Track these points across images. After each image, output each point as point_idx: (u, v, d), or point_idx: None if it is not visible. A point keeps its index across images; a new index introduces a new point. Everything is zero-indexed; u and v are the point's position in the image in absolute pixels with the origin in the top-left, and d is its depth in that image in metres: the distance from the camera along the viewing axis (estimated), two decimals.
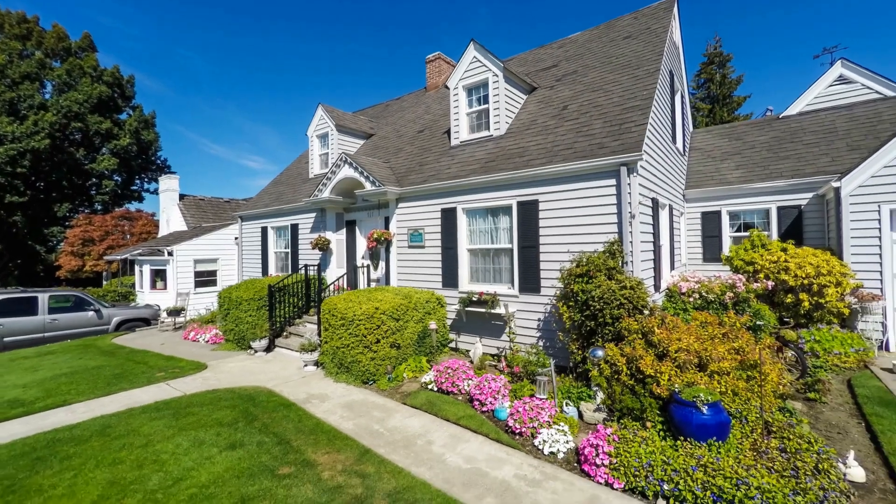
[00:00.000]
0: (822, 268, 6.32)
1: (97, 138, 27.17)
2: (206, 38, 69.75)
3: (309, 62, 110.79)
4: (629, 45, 8.14)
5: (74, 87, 26.17)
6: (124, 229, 23.87)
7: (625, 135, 5.77)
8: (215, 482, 3.51)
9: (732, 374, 4.06)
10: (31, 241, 25.97)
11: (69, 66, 26.17)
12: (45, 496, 3.36)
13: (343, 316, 6.10)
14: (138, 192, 30.96)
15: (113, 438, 4.34)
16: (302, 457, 3.92)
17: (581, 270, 5.35)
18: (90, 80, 26.48)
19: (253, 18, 70.77)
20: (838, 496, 2.90)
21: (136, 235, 23.85)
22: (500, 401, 4.80)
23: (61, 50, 27.43)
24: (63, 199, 26.85)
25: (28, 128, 23.78)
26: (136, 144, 28.26)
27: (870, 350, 5.82)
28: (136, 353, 8.12)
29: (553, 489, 3.37)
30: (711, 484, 3.00)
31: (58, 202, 26.62)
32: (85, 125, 26.10)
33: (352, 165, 8.30)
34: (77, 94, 25.51)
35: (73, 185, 27.27)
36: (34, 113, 24.47)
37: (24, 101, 24.54)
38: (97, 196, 27.95)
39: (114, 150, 27.29)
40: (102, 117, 26.92)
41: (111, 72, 28.18)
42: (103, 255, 21.98)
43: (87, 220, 23.55)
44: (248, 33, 76.59)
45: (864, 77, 9.19)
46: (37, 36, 26.90)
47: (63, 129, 25.46)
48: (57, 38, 27.17)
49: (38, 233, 26.23)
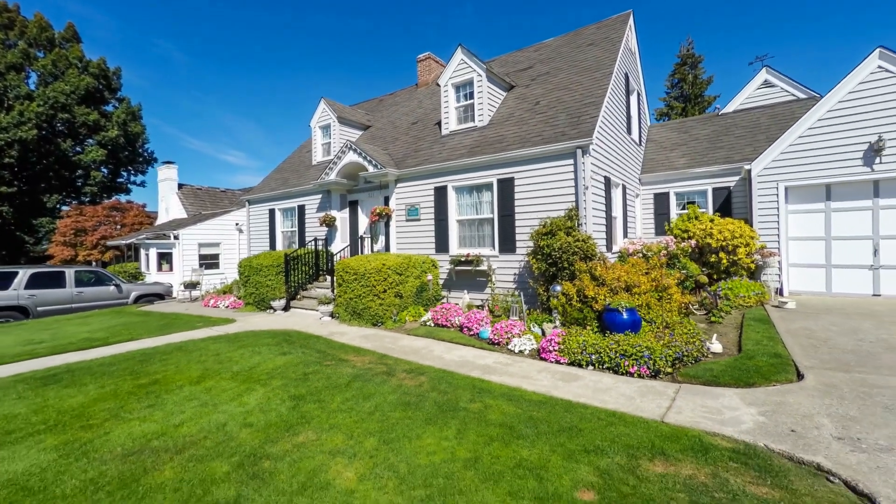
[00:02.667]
0: (736, 232, 8.15)
1: (84, 130, 27.58)
2: (184, 28, 68.98)
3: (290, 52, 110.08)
4: (591, 51, 9.83)
5: (60, 77, 26.53)
6: (116, 220, 24.52)
7: (581, 125, 7.43)
8: (280, 367, 4.99)
9: (648, 294, 5.76)
10: (19, 232, 26.25)
11: (55, 57, 26.50)
12: (162, 373, 4.79)
13: (356, 271, 7.60)
14: (125, 184, 31.39)
15: (190, 352, 5.76)
16: (337, 358, 5.42)
17: (546, 230, 6.98)
18: (77, 72, 26.86)
19: (231, 8, 70.28)
20: (693, 353, 4.60)
21: (129, 226, 24.51)
22: (484, 326, 6.40)
23: (45, 40, 27.64)
24: (51, 190, 27.18)
25: (14, 118, 24.15)
26: (123, 136, 28.74)
27: (766, 294, 7.66)
28: (166, 315, 9.40)
29: (520, 365, 4.99)
30: (619, 350, 4.66)
31: (46, 193, 26.95)
32: (72, 116, 26.50)
33: (356, 151, 9.74)
34: (64, 85, 25.90)
35: (61, 176, 27.61)
36: (20, 103, 24.81)
37: (10, 92, 24.84)
38: (85, 187, 28.34)
39: (102, 142, 27.75)
40: (89, 109, 27.34)
41: (97, 63, 28.55)
42: (97, 244, 22.69)
43: (79, 211, 24.11)
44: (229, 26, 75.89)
45: (783, 82, 11.15)
46: (20, 25, 27.07)
47: (50, 119, 25.83)
48: (40, 28, 27.39)
49: (25, 223, 26.52)
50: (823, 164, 7.78)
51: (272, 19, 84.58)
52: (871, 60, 7.21)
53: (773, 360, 4.41)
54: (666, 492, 2.38)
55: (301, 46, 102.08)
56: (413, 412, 3.59)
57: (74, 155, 27.40)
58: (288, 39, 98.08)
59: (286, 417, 3.57)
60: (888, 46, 7.09)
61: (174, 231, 15.02)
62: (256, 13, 78.89)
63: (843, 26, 49.82)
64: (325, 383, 4.40)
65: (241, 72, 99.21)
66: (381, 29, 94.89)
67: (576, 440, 3.00)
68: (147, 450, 3.07)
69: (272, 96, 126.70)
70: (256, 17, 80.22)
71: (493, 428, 3.25)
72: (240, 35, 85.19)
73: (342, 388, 4.23)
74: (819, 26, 51.14)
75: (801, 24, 51.88)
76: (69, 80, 26.22)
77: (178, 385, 4.43)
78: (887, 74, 7.11)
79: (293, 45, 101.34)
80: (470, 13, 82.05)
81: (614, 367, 4.59)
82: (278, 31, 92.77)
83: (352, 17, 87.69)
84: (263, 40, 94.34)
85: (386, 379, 4.50)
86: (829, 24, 50.93)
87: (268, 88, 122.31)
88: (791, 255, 8.29)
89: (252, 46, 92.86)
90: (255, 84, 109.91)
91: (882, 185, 7.40)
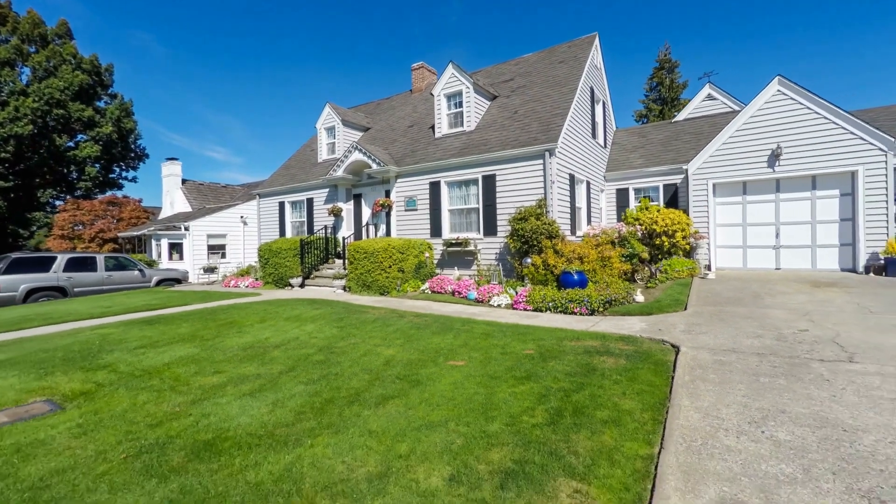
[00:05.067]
0: (676, 220, 10.25)
1: (78, 125, 28.44)
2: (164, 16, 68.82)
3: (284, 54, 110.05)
4: (561, 68, 11.83)
5: (54, 74, 27.36)
6: (113, 214, 25.60)
7: (550, 132, 9.39)
8: (318, 315, 6.79)
9: (595, 262, 7.76)
10: (12, 226, 27.02)
11: (49, 54, 27.32)
12: (232, 319, 6.54)
13: (366, 251, 9.41)
14: (117, 180, 32.23)
15: (242, 309, 7.50)
16: (359, 311, 7.24)
17: (521, 216, 8.92)
18: (71, 69, 27.72)
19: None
20: (621, 300, 6.60)
21: (126, 220, 25.59)
22: (471, 290, 8.30)
23: (37, 37, 28.39)
24: (45, 185, 27.99)
25: (10, 113, 24.98)
26: (116, 132, 29.68)
27: (696, 268, 9.78)
28: (198, 292, 11.02)
29: (497, 312, 6.90)
30: (568, 298, 6.61)
31: (40, 188, 27.76)
32: (67, 112, 27.37)
33: (361, 151, 11.52)
34: (58, 82, 26.77)
35: (55, 171, 28.43)
36: (15, 99, 25.62)
37: (4, 87, 25.61)
38: (79, 183, 29.19)
39: (96, 138, 28.66)
40: (84, 105, 28.22)
41: (90, 60, 29.39)
42: (94, 238, 23.79)
43: (76, 206, 25.09)
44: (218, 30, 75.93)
45: (722, 96, 13.40)
46: (12, 21, 27.77)
47: (45, 115, 26.67)
48: (33, 24, 28.13)
49: (19, 217, 27.29)
50: (740, 165, 9.95)
51: (258, 7, 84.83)
52: (773, 85, 9.38)
53: (673, 303, 6.44)
54: (573, 350, 4.30)
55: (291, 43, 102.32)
56: (423, 331, 5.46)
57: (69, 150, 28.24)
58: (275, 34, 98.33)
59: (337, 334, 5.39)
60: (786, 75, 9.26)
61: (185, 223, 16.50)
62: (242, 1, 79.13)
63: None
64: (356, 321, 6.23)
65: (221, 64, 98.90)
66: (371, 25, 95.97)
67: (528, 336, 4.92)
68: (255, 346, 4.87)
69: (256, 91, 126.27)
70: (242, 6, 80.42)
71: (476, 334, 5.14)
72: (221, 27, 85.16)
73: (369, 323, 6.07)
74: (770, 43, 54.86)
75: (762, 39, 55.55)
76: (64, 77, 27.09)
77: (249, 324, 6.20)
78: (784, 97, 9.28)
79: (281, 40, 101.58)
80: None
81: (564, 309, 6.55)
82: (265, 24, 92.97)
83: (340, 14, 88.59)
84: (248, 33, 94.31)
85: (399, 319, 6.36)
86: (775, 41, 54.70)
87: (251, 82, 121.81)
88: (718, 238, 10.44)
89: (235, 40, 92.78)
90: (236, 77, 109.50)
91: (782, 183, 9.59)
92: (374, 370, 3.90)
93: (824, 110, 8.81)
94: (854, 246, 8.74)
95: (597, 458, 2.24)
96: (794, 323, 4.97)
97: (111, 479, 2.25)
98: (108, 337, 5.52)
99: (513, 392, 3.22)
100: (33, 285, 11.08)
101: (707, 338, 4.50)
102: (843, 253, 8.97)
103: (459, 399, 3.13)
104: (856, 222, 8.68)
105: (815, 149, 8.99)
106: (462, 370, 3.80)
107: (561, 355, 4.10)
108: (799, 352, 3.88)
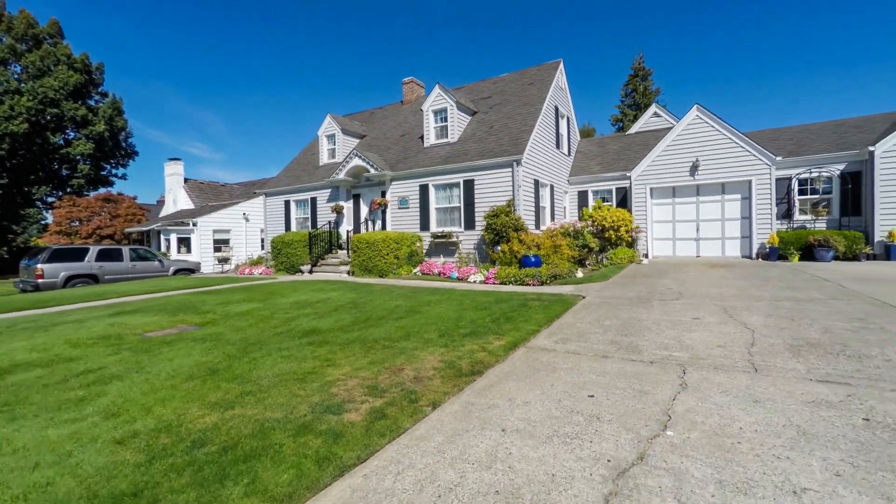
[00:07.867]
0: (621, 217, 12.86)
1: (71, 124, 29.63)
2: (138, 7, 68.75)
3: None
4: (531, 89, 14.33)
5: (47, 73, 28.52)
6: (109, 211, 27.02)
7: (517, 145, 11.84)
8: (336, 288, 9.07)
9: (548, 248, 10.25)
10: (6, 222, 28.08)
11: (43, 54, 28.48)
12: (269, 291, 8.76)
13: (367, 241, 11.69)
14: (108, 177, 33.41)
15: (270, 285, 9.70)
16: (366, 286, 9.54)
17: (494, 213, 11.35)
18: (65, 68, 28.93)
19: None
20: (564, 276, 9.10)
21: (122, 217, 27.07)
22: (454, 272, 10.69)
23: (30, 37, 29.45)
24: (38, 182, 29.10)
25: (5, 111, 26.13)
26: (108, 130, 30.95)
27: (636, 256, 12.40)
28: (218, 277, 13.08)
29: (473, 286, 9.31)
30: (525, 274, 9.06)
31: (34, 185, 28.86)
32: (60, 111, 28.58)
33: (360, 157, 13.76)
34: (52, 81, 27.99)
35: (48, 169, 29.55)
36: (10, 98, 26.75)
37: None
38: (71, 180, 30.36)
39: (89, 136, 29.90)
40: (77, 104, 29.44)
41: (81, 59, 30.58)
42: (91, 234, 25.25)
43: (72, 202, 26.46)
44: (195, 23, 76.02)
45: (666, 114, 16.18)
46: (6, 21, 28.78)
47: (39, 114, 27.83)
48: (27, 24, 29.19)
49: (12, 214, 28.36)
50: (670, 173, 12.63)
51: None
52: (693, 112, 12.09)
53: (601, 277, 8.96)
54: (518, 298, 6.72)
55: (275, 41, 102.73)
56: (418, 293, 7.81)
57: (62, 148, 29.41)
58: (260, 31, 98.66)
59: (356, 297, 7.69)
60: (703, 104, 11.98)
61: (192, 219, 18.39)
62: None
63: None
64: (367, 290, 8.54)
65: (200, 61, 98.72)
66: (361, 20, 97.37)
67: (490, 295, 7.32)
68: (301, 303, 7.14)
69: (235, 87, 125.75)
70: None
71: (456, 295, 7.52)
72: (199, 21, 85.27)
73: (377, 292, 8.38)
74: None
75: None
76: (58, 76, 28.30)
77: (286, 293, 8.43)
78: (701, 121, 11.99)
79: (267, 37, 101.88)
80: None
81: (521, 281, 9.00)
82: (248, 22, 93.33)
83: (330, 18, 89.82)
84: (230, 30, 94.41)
85: (399, 289, 8.69)
86: None
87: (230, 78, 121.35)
88: (654, 232, 13.12)
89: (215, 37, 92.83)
90: (215, 73, 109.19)
91: (701, 188, 12.31)
92: (390, 309, 6.24)
93: (728, 132, 11.55)
94: (750, 238, 11.51)
95: (510, 331, 4.66)
96: (670, 286, 7.52)
97: (272, 339, 4.53)
98: (190, 300, 7.68)
99: (474, 314, 5.62)
100: (71, 273, 12.96)
101: (607, 293, 7.00)
102: (743, 244, 11.74)
103: (443, 317, 5.51)
104: (751, 220, 11.44)
105: (723, 162, 11.73)
106: (444, 306, 6.18)
107: (509, 301, 6.53)
108: (654, 297, 6.40)
